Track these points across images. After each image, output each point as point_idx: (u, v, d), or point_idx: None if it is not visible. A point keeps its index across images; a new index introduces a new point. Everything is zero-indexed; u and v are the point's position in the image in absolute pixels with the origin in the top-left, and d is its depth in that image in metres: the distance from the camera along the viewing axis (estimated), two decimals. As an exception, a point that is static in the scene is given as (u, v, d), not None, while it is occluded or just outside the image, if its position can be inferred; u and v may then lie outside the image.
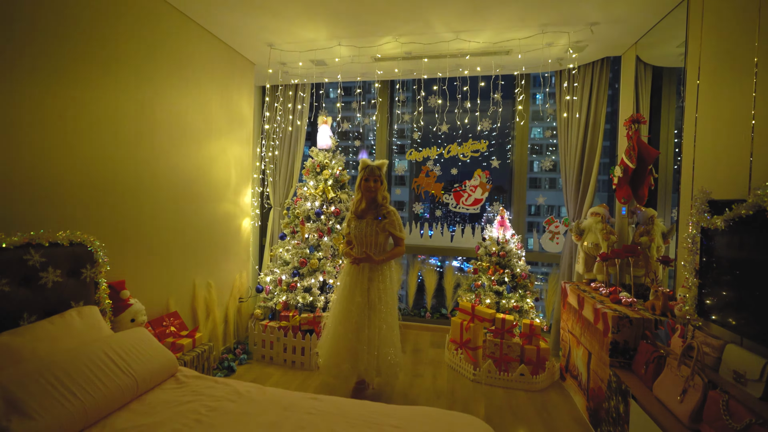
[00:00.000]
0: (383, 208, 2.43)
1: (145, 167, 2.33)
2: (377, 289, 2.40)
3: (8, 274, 1.51)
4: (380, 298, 2.39)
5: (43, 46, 1.73)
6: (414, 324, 3.99)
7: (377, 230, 2.41)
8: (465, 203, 3.90)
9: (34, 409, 1.22)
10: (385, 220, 2.40)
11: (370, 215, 2.44)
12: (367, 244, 2.44)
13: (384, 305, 2.40)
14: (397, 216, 2.45)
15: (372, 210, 2.45)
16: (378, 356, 2.36)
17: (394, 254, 2.44)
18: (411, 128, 3.90)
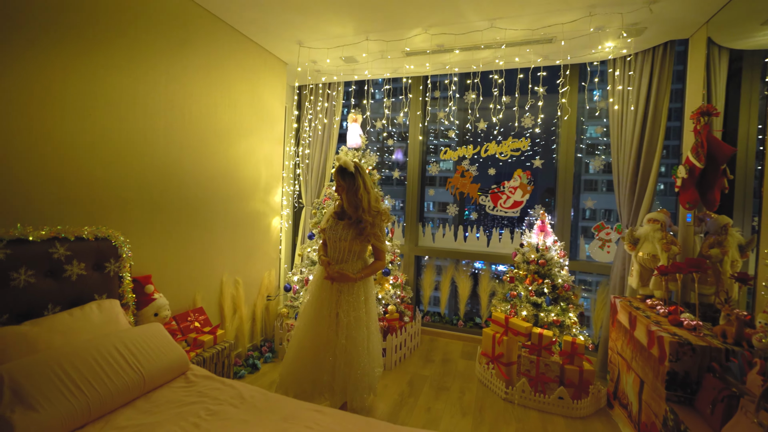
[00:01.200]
0: (367, 215, 2.05)
1: (175, 165, 2.39)
2: (346, 302, 2.08)
3: (34, 266, 1.58)
4: (348, 312, 2.07)
5: (73, 47, 1.80)
6: (445, 332, 3.79)
7: (354, 236, 2.07)
8: (503, 206, 3.63)
9: (39, 401, 1.23)
10: (366, 230, 2.06)
11: (347, 219, 2.12)
12: (340, 250, 2.11)
13: (354, 320, 2.07)
14: (383, 224, 2.12)
15: (353, 213, 2.10)
16: (347, 375, 2.05)
17: (374, 269, 2.13)
18: (445, 126, 3.71)
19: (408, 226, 3.96)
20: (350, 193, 2.06)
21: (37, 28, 1.66)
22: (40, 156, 1.69)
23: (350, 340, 2.05)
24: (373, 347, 2.15)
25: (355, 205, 2.07)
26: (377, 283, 3.22)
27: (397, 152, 5.07)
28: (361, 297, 2.11)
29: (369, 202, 2.07)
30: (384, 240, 2.13)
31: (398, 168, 4.12)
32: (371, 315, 2.17)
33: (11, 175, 1.60)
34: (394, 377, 2.91)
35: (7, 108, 1.57)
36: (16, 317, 1.52)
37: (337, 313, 2.09)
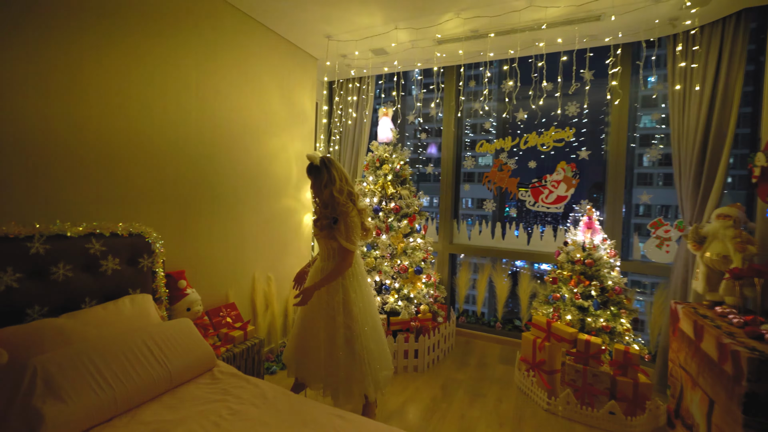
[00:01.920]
0: (340, 207, 1.93)
1: (206, 162, 2.42)
2: (326, 304, 2.00)
3: (72, 261, 1.64)
4: (324, 314, 2.00)
5: (106, 46, 1.85)
6: (481, 334, 3.60)
7: (328, 234, 1.97)
8: (545, 201, 3.38)
9: (68, 393, 1.25)
10: (334, 224, 1.94)
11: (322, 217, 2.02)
12: (324, 249, 2.05)
13: (327, 323, 1.99)
14: (351, 219, 1.92)
15: (322, 210, 2.02)
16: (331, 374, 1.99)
17: (336, 273, 1.92)
18: (481, 117, 3.51)
19: (442, 223, 3.81)
20: (316, 188, 1.99)
21: (76, 29, 1.72)
22: (78, 154, 1.75)
23: (329, 341, 1.98)
24: (361, 349, 1.97)
25: (324, 203, 1.99)
26: (409, 282, 3.11)
27: (431, 146, 4.91)
28: (336, 298, 1.98)
29: (334, 195, 1.92)
30: (351, 236, 1.92)
31: (432, 163, 3.98)
32: (352, 316, 1.98)
33: (52, 173, 1.67)
34: (427, 380, 2.79)
35: (48, 109, 1.64)
36: (55, 310, 1.58)
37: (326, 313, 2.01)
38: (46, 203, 1.65)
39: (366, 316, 2.04)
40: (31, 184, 1.60)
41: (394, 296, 3.06)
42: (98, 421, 1.30)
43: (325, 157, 1.99)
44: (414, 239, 3.24)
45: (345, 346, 1.96)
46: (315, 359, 2.01)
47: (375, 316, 2.12)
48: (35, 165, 1.61)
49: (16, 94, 1.54)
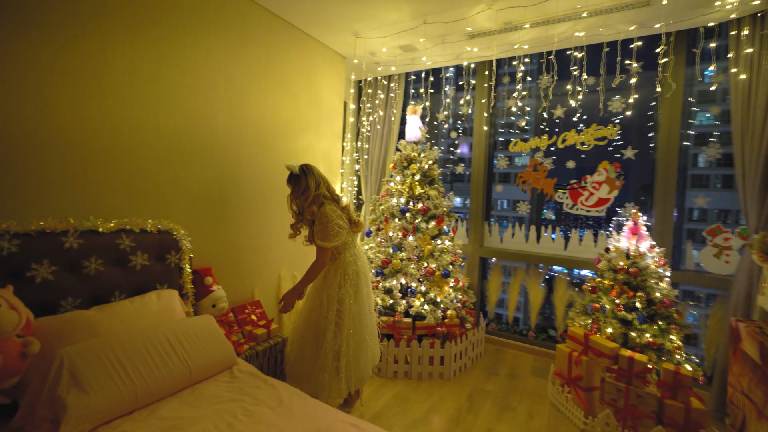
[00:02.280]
0: (313, 209, 2.02)
1: (234, 161, 2.46)
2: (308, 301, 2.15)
3: (103, 256, 1.70)
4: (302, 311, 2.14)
5: (137, 51, 1.92)
6: (513, 343, 3.42)
7: (310, 238, 2.08)
8: (585, 203, 3.15)
9: (91, 385, 1.29)
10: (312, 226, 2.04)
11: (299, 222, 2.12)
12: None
13: (303, 319, 2.12)
14: (325, 218, 1.98)
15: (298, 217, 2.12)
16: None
17: (312, 272, 2.04)
18: (515, 115, 3.34)
19: (472, 225, 3.67)
20: (294, 195, 2.08)
21: (110, 32, 1.79)
22: (111, 153, 1.82)
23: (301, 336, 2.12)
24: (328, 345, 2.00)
25: (300, 209, 2.07)
26: (436, 285, 3.01)
27: (462, 146, 4.76)
28: (316, 299, 2.09)
29: (310, 200, 2.01)
30: (326, 234, 1.98)
31: (464, 163, 3.84)
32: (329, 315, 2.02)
33: (86, 170, 1.74)
34: (452, 389, 2.67)
35: (83, 110, 1.71)
36: (87, 302, 1.64)
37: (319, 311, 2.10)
38: (80, 200, 1.72)
39: (355, 315, 2.06)
40: (66, 181, 1.67)
41: (420, 300, 2.97)
42: (119, 413, 1.32)
43: (304, 166, 2.07)
44: (442, 241, 3.13)
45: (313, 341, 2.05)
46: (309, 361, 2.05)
47: (365, 316, 2.11)
48: (71, 163, 1.68)
49: (54, 95, 1.62)
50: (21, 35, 1.51)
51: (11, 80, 1.50)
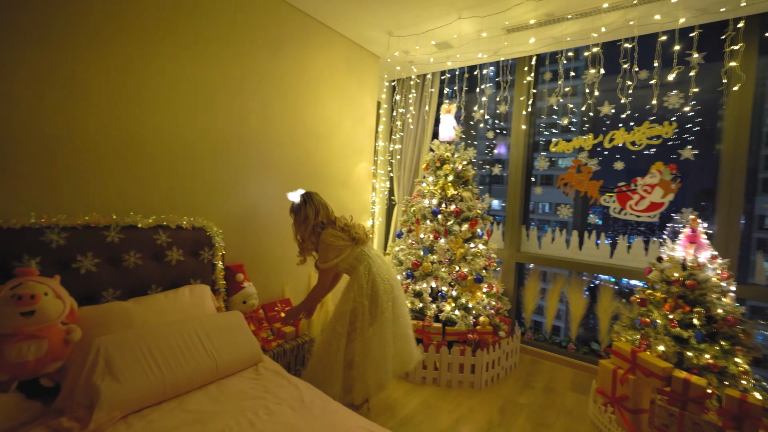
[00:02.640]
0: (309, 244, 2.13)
1: (267, 162, 2.51)
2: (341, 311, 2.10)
3: (142, 250, 1.78)
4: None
5: (178, 54, 1.99)
6: (550, 354, 3.22)
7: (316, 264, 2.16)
8: (635, 208, 2.91)
9: (123, 374, 1.34)
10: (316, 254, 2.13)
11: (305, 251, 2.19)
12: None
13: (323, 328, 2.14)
14: (325, 245, 2.05)
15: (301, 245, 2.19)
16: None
17: (314, 294, 2.17)
18: (558, 112, 3.15)
19: (508, 229, 3.50)
20: (297, 225, 2.14)
21: (152, 32, 1.88)
22: (152, 152, 1.91)
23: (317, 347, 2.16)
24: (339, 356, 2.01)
25: (302, 238, 2.13)
26: (468, 290, 2.89)
27: (500, 146, 4.59)
28: (335, 312, 2.11)
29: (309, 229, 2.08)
30: (325, 256, 2.06)
31: (501, 164, 3.69)
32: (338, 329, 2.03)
33: (129, 169, 1.83)
34: (483, 399, 2.55)
35: (125, 112, 1.81)
36: (126, 294, 1.73)
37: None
38: (123, 196, 1.81)
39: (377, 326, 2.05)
40: (110, 179, 1.77)
41: (450, 305, 2.87)
42: (148, 403, 1.36)
43: (304, 195, 2.14)
44: (475, 245, 3.01)
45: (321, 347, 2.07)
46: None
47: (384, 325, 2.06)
48: (114, 161, 1.78)
49: (99, 100, 1.72)
50: (65, 43, 1.62)
51: (60, 85, 1.60)
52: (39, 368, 1.32)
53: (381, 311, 2.06)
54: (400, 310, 2.19)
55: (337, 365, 1.97)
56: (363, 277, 2.05)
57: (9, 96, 1.47)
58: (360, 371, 1.99)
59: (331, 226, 2.11)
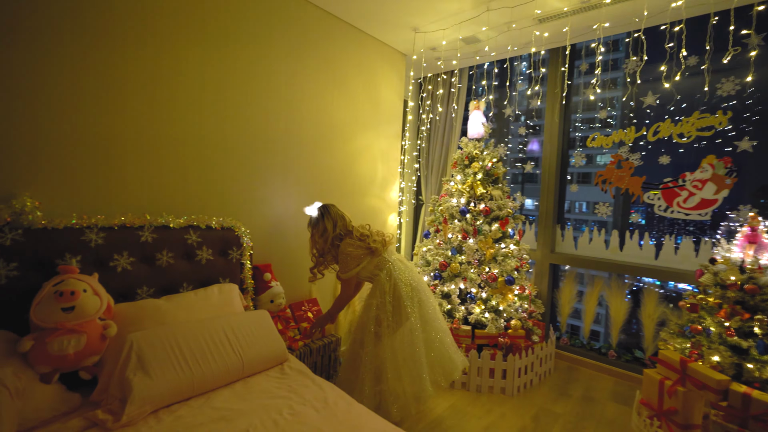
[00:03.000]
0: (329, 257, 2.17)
1: (294, 162, 2.53)
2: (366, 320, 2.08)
3: (173, 249, 1.84)
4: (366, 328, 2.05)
5: (206, 59, 2.05)
6: (588, 361, 3.04)
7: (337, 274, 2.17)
8: (683, 205, 2.68)
9: (154, 369, 1.38)
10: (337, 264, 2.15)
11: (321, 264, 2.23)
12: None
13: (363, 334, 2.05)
14: (344, 256, 2.05)
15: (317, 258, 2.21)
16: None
17: (339, 303, 2.20)
18: (594, 105, 2.97)
19: (542, 229, 3.35)
20: (315, 239, 2.14)
21: (182, 39, 1.94)
22: (183, 155, 1.97)
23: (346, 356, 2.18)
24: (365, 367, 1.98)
25: (320, 252, 2.15)
26: (498, 292, 2.79)
27: (532, 143, 4.42)
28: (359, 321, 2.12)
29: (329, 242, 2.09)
30: (345, 267, 2.07)
31: (534, 161, 3.54)
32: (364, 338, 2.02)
33: (162, 171, 1.90)
34: (515, 406, 2.44)
35: (158, 116, 1.88)
36: (159, 291, 1.79)
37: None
38: (157, 198, 1.88)
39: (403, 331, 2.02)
40: (144, 180, 1.84)
41: (480, 307, 2.78)
42: (177, 399, 1.40)
43: (321, 207, 2.14)
44: (506, 245, 2.90)
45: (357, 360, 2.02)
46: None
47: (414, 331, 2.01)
48: (148, 164, 1.85)
49: (134, 104, 1.79)
50: (100, 50, 1.70)
51: (97, 96, 1.68)
52: (78, 361, 1.38)
53: (405, 316, 2.01)
54: (428, 314, 2.12)
55: (365, 378, 1.94)
56: (385, 283, 2.02)
57: (51, 107, 1.56)
58: (392, 383, 1.95)
59: (348, 237, 2.10)
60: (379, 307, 2.00)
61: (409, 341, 2.01)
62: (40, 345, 1.32)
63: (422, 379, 1.96)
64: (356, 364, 2.02)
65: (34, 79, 1.51)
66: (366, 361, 1.95)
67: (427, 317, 2.11)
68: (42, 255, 1.46)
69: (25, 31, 1.48)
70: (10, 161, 1.48)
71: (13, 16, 1.45)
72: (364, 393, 1.91)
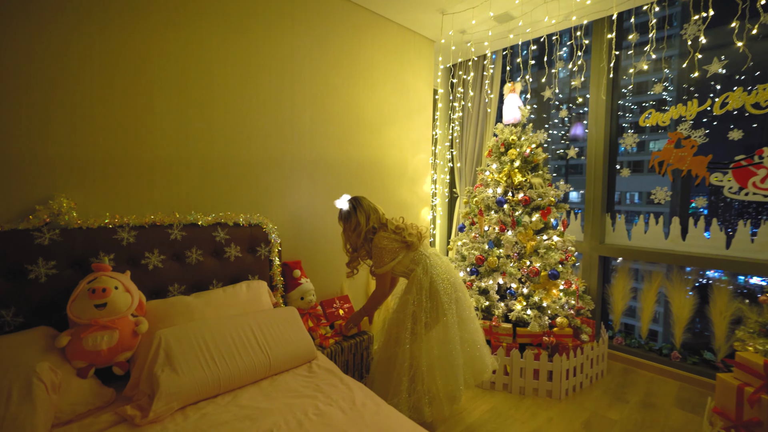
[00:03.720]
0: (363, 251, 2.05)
1: (320, 156, 2.49)
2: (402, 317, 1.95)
3: (202, 247, 1.85)
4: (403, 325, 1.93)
5: (229, 58, 2.04)
6: (648, 363, 2.75)
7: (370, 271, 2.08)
8: (760, 186, 2.33)
9: (181, 366, 1.37)
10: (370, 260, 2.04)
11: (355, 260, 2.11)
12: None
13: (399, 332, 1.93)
14: (378, 250, 1.95)
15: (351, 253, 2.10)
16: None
17: (374, 300, 2.09)
18: (647, 78, 2.66)
19: (589, 219, 3.07)
20: (347, 233, 2.05)
21: (214, 45, 1.94)
22: (210, 153, 1.98)
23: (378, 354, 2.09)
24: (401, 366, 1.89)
25: (354, 247, 2.05)
26: (541, 288, 2.58)
27: (576, 126, 4.10)
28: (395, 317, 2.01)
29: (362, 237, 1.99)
30: (379, 262, 1.97)
31: (579, 146, 3.27)
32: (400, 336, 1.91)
33: (190, 170, 1.92)
34: (563, 411, 2.24)
35: (186, 116, 1.89)
36: (190, 288, 1.81)
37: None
38: (185, 197, 1.90)
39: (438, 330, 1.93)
40: (173, 179, 1.87)
41: (521, 303, 2.59)
42: (204, 396, 1.38)
43: (353, 200, 2.04)
44: (548, 237, 2.68)
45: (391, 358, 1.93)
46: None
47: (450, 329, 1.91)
48: (176, 163, 1.88)
49: (161, 105, 1.81)
50: (128, 54, 1.73)
51: (130, 108, 1.72)
52: (111, 357, 1.41)
53: (443, 312, 1.90)
54: (464, 313, 2.00)
55: (401, 377, 1.85)
56: (422, 279, 1.91)
57: (83, 113, 1.62)
58: (427, 383, 1.85)
59: (383, 230, 2.00)
60: (416, 304, 1.90)
61: (444, 339, 1.91)
62: (75, 340, 1.35)
63: (457, 379, 1.86)
64: (390, 362, 1.93)
65: (67, 88, 1.57)
66: (402, 360, 1.86)
67: (464, 316, 1.99)
68: (78, 253, 1.51)
69: (53, 43, 1.54)
70: (48, 164, 1.54)
71: (38, 23, 1.51)
72: (400, 392, 1.83)
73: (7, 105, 1.45)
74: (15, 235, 1.40)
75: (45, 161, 1.53)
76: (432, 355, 1.88)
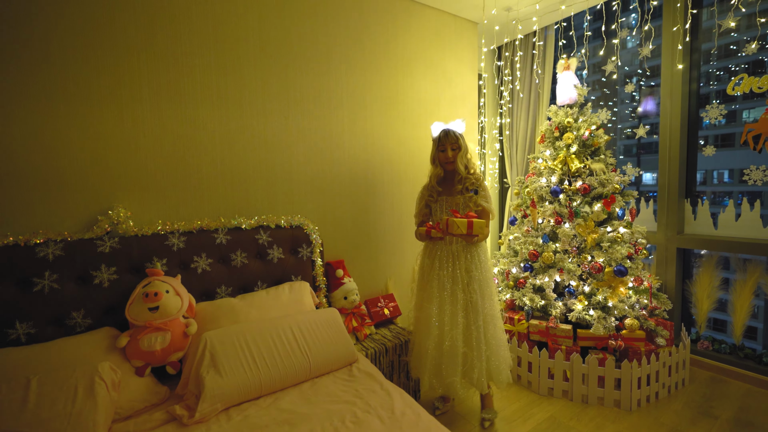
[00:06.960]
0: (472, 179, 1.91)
1: (360, 154, 2.44)
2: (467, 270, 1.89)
3: (246, 250, 1.90)
4: (472, 278, 1.88)
5: (263, 66, 2.06)
6: (742, 372, 2.36)
7: (463, 207, 1.89)
8: None
9: (225, 368, 1.41)
10: (475, 195, 1.88)
11: (453, 191, 1.95)
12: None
13: (481, 287, 1.88)
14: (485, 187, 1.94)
15: (455, 184, 1.94)
16: (488, 360, 1.87)
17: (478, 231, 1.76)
18: (734, 36, 2.24)
19: (663, 206, 2.69)
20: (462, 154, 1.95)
21: (243, 49, 1.98)
22: (253, 157, 2.03)
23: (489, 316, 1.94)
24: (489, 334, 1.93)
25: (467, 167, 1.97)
26: (605, 285, 2.32)
27: (646, 101, 3.64)
28: (479, 258, 1.93)
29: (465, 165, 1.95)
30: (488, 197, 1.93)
31: (649, 123, 2.88)
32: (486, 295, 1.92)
33: (234, 174, 1.98)
34: (635, 424, 2.00)
35: (227, 123, 1.95)
36: (236, 291, 1.87)
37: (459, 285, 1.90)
38: (229, 201, 1.97)
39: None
40: (218, 185, 1.93)
41: (582, 303, 2.34)
42: (246, 398, 1.41)
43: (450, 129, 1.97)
44: (613, 228, 2.40)
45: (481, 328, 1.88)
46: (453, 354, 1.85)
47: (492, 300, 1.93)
48: (219, 169, 1.94)
49: (206, 114, 1.88)
50: (173, 71, 1.81)
51: (181, 123, 1.81)
52: (164, 357, 1.50)
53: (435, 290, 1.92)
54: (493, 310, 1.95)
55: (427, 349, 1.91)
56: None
57: (136, 127, 1.72)
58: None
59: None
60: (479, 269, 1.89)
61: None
62: (133, 341, 1.45)
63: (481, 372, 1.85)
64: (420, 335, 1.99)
65: (122, 104, 1.68)
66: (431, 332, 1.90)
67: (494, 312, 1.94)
68: (134, 259, 1.62)
69: (108, 59, 1.65)
70: (107, 177, 1.67)
71: (88, 38, 1.62)
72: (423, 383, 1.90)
73: (74, 123, 1.58)
74: (82, 245, 1.54)
75: (105, 174, 1.66)
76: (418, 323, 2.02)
